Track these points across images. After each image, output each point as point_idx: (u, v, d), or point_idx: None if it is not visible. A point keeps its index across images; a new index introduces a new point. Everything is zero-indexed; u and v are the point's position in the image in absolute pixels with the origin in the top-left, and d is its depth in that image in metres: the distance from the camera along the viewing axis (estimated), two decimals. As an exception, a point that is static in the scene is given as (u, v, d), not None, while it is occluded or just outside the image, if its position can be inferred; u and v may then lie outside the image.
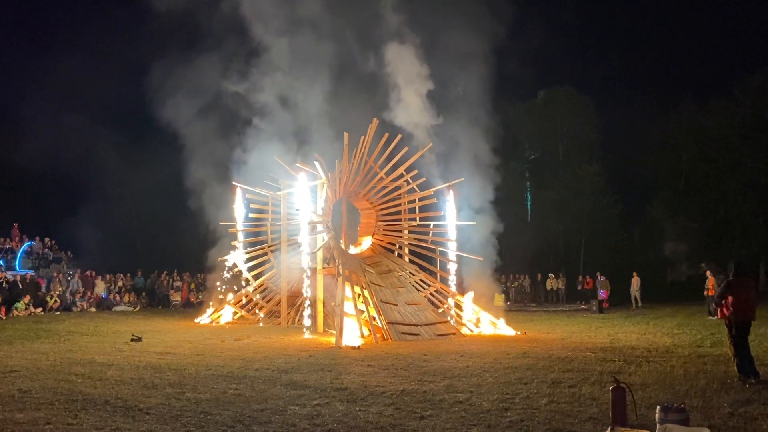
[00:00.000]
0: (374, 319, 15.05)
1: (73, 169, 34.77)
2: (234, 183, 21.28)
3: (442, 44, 19.31)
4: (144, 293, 28.19)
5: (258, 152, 20.39)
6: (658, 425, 6.39)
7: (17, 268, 24.58)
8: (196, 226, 24.84)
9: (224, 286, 21.11)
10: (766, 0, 50.25)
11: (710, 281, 20.88)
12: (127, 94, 33.79)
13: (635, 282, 26.84)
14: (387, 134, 17.94)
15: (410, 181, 19.01)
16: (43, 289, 23.83)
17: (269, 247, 20.73)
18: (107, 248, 30.98)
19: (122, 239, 33.94)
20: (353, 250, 18.46)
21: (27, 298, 22.00)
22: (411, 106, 18.18)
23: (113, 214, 33.27)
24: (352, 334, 14.26)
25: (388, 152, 18.05)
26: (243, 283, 20.80)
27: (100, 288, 26.24)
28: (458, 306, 17.65)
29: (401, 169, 18.55)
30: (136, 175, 34.64)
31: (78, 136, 31.54)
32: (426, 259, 19.28)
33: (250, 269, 20.84)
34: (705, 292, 21.35)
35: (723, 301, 9.45)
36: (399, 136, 18.27)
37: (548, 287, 32.04)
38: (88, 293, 25.65)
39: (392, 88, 18.44)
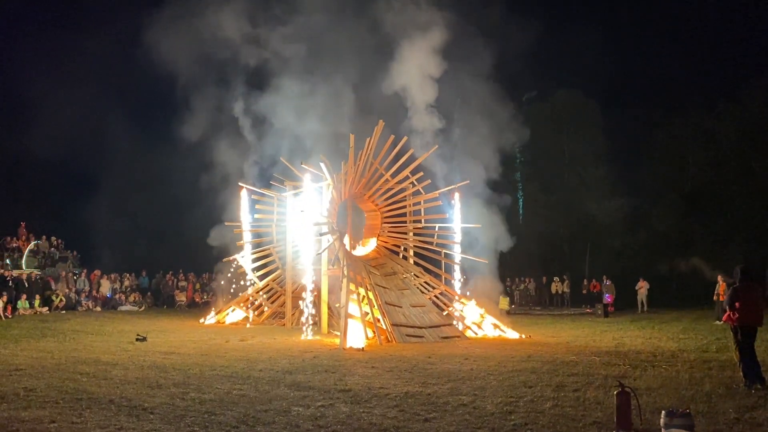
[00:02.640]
0: (378, 320, 15.04)
1: (80, 169, 34.87)
2: (240, 184, 21.35)
3: (443, 47, 19.31)
4: (149, 293, 28.28)
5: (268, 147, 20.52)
6: (663, 430, 6.37)
7: (23, 267, 24.70)
8: (202, 225, 24.91)
9: (232, 288, 21.18)
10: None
11: (721, 286, 20.76)
12: (136, 89, 33.87)
13: (642, 286, 26.73)
14: (393, 136, 17.95)
15: (416, 183, 19.02)
16: (52, 287, 23.93)
17: (274, 248, 20.79)
18: (113, 248, 31.07)
19: (128, 239, 34.01)
20: (358, 251, 18.46)
21: (32, 298, 22.09)
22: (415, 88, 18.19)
23: (120, 214, 33.36)
24: (357, 336, 14.26)
25: (393, 154, 18.05)
26: (248, 283, 20.84)
27: (106, 287, 26.33)
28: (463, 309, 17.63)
29: (406, 171, 18.54)
30: (142, 175, 34.74)
31: (86, 133, 31.54)
32: (431, 261, 19.27)
33: (254, 270, 20.88)
34: (715, 297, 21.25)
35: (732, 307, 9.39)
36: (405, 138, 18.28)
37: (553, 291, 31.93)
38: (93, 292, 25.75)
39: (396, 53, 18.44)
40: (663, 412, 6.52)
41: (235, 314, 20.14)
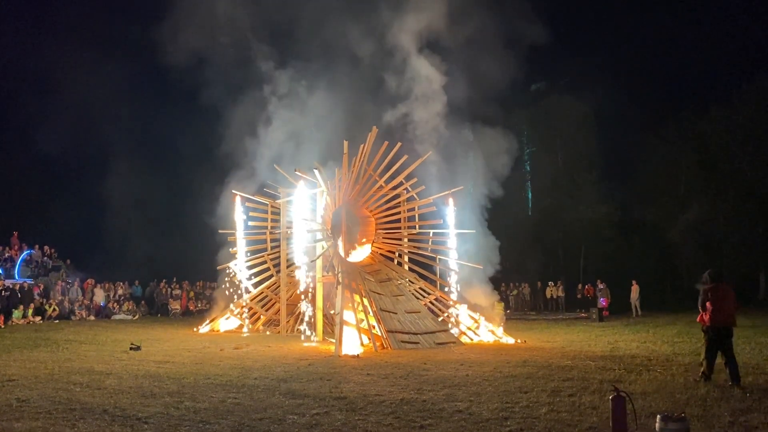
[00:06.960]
0: (374, 327, 15.02)
1: (73, 178, 34.75)
2: (233, 191, 21.29)
3: (442, 51, 19.38)
4: (143, 302, 28.15)
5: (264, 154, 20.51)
6: (658, 434, 6.37)
7: (16, 277, 24.56)
8: (196, 233, 24.84)
9: (227, 293, 21.11)
10: (766, 6, 50.31)
11: None
12: (137, 89, 33.73)
13: (635, 290, 26.80)
14: (386, 142, 17.97)
15: (410, 189, 19.02)
16: (37, 296, 23.70)
17: (268, 255, 20.74)
18: (106, 256, 30.92)
19: (121, 247, 33.88)
20: (353, 258, 18.45)
21: (30, 307, 21.96)
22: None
23: (113, 223, 33.23)
24: (352, 343, 14.23)
25: (387, 160, 18.06)
26: (244, 291, 20.76)
27: (99, 296, 26.20)
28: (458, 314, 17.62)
29: (400, 177, 18.56)
30: (137, 183, 34.60)
31: (78, 140, 31.41)
32: (426, 267, 19.26)
33: (249, 277, 20.81)
34: None
35: (704, 308, 9.84)
36: (398, 144, 18.29)
37: (548, 295, 31.99)
38: (86, 302, 25.61)
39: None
40: (658, 416, 6.52)
41: (229, 322, 20.07)
